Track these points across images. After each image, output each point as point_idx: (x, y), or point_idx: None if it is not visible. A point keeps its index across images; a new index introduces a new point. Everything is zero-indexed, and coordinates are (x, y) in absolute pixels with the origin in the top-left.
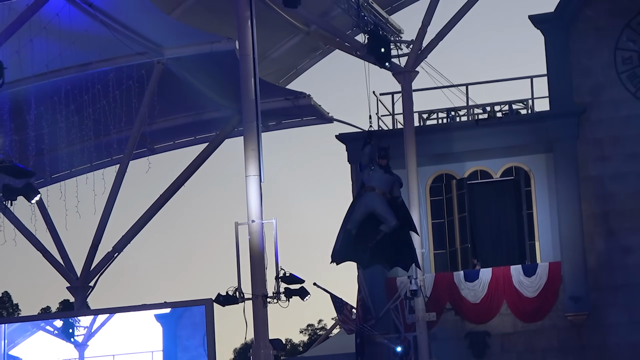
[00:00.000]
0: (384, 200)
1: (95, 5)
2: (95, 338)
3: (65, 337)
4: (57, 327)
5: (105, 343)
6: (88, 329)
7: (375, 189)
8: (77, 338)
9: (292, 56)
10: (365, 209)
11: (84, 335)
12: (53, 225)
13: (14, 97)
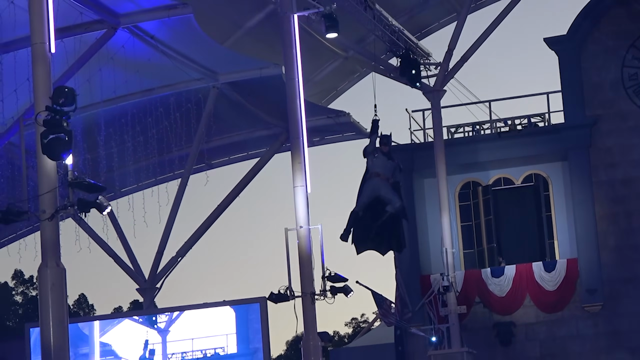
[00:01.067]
0: (388, 184)
1: (156, 37)
2: (176, 324)
3: (149, 324)
4: (141, 316)
5: (185, 328)
6: (169, 316)
7: (380, 174)
8: (160, 325)
9: (333, 79)
10: (372, 193)
11: (166, 322)
12: (123, 234)
13: (86, 121)
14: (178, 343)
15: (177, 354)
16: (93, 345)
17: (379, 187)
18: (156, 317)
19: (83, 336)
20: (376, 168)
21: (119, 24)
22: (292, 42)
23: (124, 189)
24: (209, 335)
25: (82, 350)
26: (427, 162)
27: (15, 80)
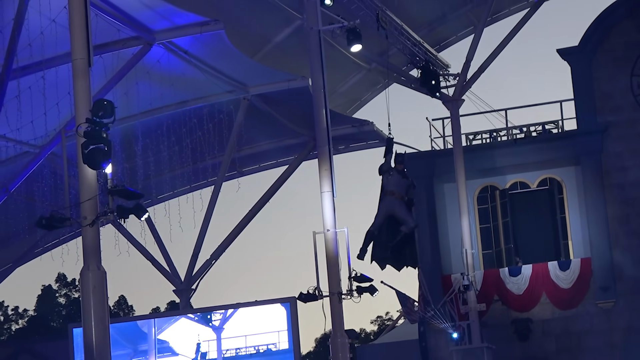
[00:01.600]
0: (402, 203)
1: (189, 52)
2: (230, 322)
3: (204, 322)
4: (196, 314)
5: (238, 326)
6: (223, 314)
7: (394, 193)
8: (214, 322)
9: (357, 90)
10: (387, 212)
11: (220, 320)
12: (160, 238)
13: (124, 132)
14: (232, 340)
15: (231, 349)
16: (152, 343)
17: (394, 206)
18: (211, 315)
19: (142, 334)
20: (391, 186)
21: (154, 40)
22: (318, 56)
23: (160, 195)
24: (261, 332)
25: (141, 347)
26: (447, 168)
27: (57, 94)
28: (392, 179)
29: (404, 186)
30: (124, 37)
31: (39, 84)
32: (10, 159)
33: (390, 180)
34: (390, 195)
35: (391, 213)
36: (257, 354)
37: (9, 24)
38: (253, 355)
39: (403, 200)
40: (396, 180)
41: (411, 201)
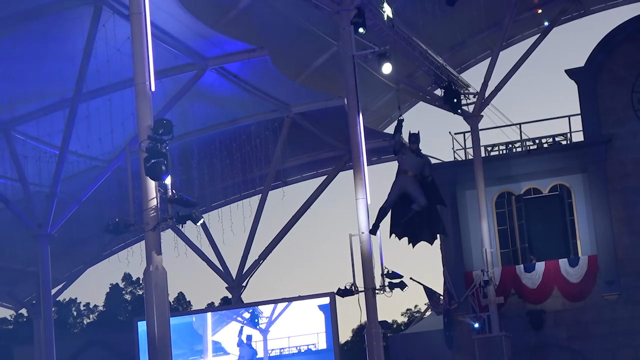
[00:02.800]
0: (416, 181)
1: (239, 76)
2: (275, 325)
3: (252, 325)
4: (245, 318)
5: (282, 328)
6: (269, 318)
7: (407, 171)
8: (261, 325)
9: (387, 107)
10: (399, 190)
11: (266, 323)
12: (214, 241)
13: (181, 147)
14: (277, 341)
15: (275, 349)
16: (206, 343)
17: (407, 184)
18: (258, 319)
19: (197, 335)
20: (404, 165)
21: (207, 65)
22: (352, 78)
23: (214, 203)
24: (302, 334)
25: (197, 347)
26: (468, 176)
27: (122, 115)
28: (405, 158)
29: (418, 165)
30: (181, 63)
31: (106, 106)
32: (82, 172)
33: (404, 160)
34: (404, 173)
35: (404, 191)
36: (298, 353)
37: (79, 53)
38: (295, 355)
39: (417, 178)
40: (410, 159)
41: (427, 179)
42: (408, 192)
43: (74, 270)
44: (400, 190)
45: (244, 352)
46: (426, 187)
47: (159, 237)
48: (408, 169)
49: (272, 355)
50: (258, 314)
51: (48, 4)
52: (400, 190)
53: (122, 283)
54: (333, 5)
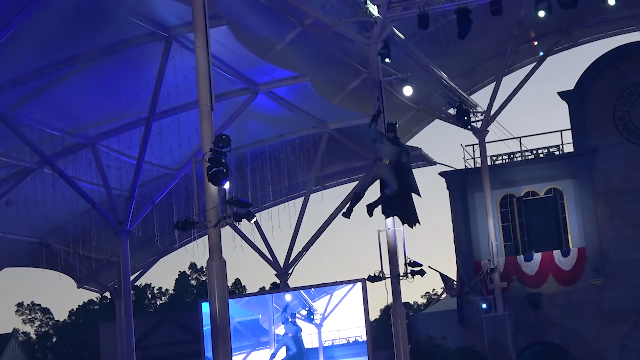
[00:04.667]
0: (390, 168)
1: (285, 99)
2: (327, 320)
3: (308, 320)
4: (302, 315)
5: (334, 323)
6: (322, 314)
7: (382, 159)
8: (316, 320)
9: (409, 124)
10: (373, 175)
11: (320, 318)
12: (264, 236)
13: (237, 158)
14: (329, 333)
15: (328, 340)
16: (271, 336)
17: (381, 170)
18: (313, 315)
19: (263, 330)
20: (380, 153)
21: (259, 90)
22: (378, 100)
23: (264, 204)
24: (351, 327)
25: (262, 339)
26: (477, 182)
27: (188, 131)
28: (382, 146)
29: (395, 153)
30: (237, 88)
31: (175, 123)
32: (155, 178)
33: (381, 148)
34: (379, 161)
35: (378, 176)
36: (347, 344)
37: (153, 79)
38: (344, 345)
39: (392, 165)
40: (386, 147)
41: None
42: (382, 177)
43: (149, 260)
44: (374, 176)
45: (289, 329)
46: (403, 173)
47: (219, 232)
48: (384, 157)
49: (326, 345)
50: (313, 311)
51: (128, 40)
52: (375, 177)
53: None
54: (363, 39)
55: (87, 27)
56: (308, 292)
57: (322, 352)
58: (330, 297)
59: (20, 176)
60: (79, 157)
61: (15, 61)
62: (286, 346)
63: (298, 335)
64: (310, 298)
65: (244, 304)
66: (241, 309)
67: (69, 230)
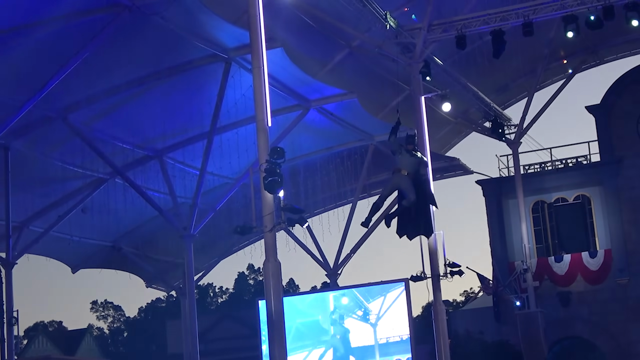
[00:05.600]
0: (409, 179)
1: (334, 114)
2: (382, 320)
3: (364, 320)
4: (359, 315)
5: (388, 322)
6: (377, 314)
7: (401, 170)
8: (371, 320)
9: (448, 136)
10: (392, 187)
11: (375, 318)
12: (316, 239)
13: (291, 168)
14: (384, 331)
15: (383, 338)
16: (330, 335)
17: (400, 182)
18: (369, 315)
19: (324, 329)
20: (399, 164)
21: (310, 106)
22: (421, 114)
23: (315, 210)
24: (402, 326)
25: (323, 338)
26: (511, 189)
27: (246, 144)
28: (401, 157)
29: (413, 164)
30: (290, 104)
31: (234, 137)
32: (216, 187)
33: (400, 159)
34: (398, 172)
35: (397, 187)
36: (400, 341)
37: (214, 97)
38: (397, 342)
39: (410, 177)
40: (405, 159)
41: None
42: (401, 188)
43: (211, 261)
44: (392, 187)
45: (337, 331)
46: (420, 184)
47: (275, 236)
48: (402, 168)
49: (381, 343)
50: (369, 311)
51: (191, 61)
52: (393, 188)
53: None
54: (405, 59)
55: (154, 51)
56: (363, 294)
57: (377, 349)
58: (384, 298)
59: (94, 186)
60: (147, 168)
61: (89, 81)
62: (334, 347)
63: (346, 336)
64: (365, 300)
65: (306, 306)
66: (303, 310)
67: (139, 234)
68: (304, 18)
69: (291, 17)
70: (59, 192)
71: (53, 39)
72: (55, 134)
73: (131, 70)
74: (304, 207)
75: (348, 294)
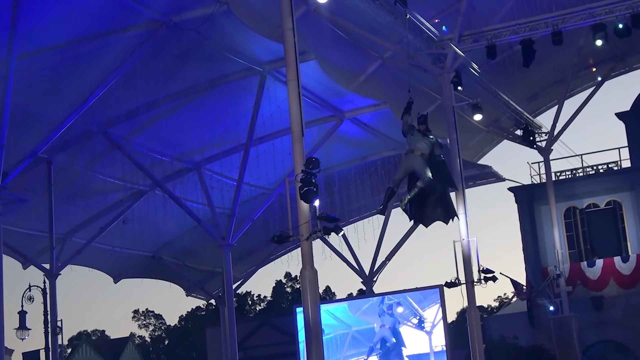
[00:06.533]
0: (422, 160)
1: (368, 124)
2: (436, 328)
3: (419, 328)
4: (414, 323)
5: (441, 329)
6: (432, 322)
7: (414, 150)
8: (426, 328)
9: (480, 145)
10: (405, 169)
11: (430, 326)
12: (351, 247)
13: (326, 177)
14: (438, 339)
15: (438, 346)
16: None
17: (413, 163)
18: (424, 322)
19: (373, 332)
20: (412, 145)
21: (344, 117)
22: (452, 123)
23: (351, 219)
24: None
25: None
26: (543, 196)
27: (282, 154)
28: (413, 138)
29: (427, 145)
30: (324, 115)
31: (270, 148)
32: (253, 197)
33: (412, 140)
34: (411, 153)
35: (411, 170)
36: None
37: (250, 110)
38: None
39: (424, 157)
40: (417, 139)
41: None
42: (414, 169)
43: (249, 270)
44: (406, 169)
45: (386, 321)
46: (436, 166)
47: (311, 245)
48: (415, 149)
49: (436, 351)
50: (423, 319)
51: (227, 75)
52: (407, 170)
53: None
54: (437, 69)
55: (191, 65)
56: (419, 302)
57: (432, 356)
58: (439, 306)
59: (134, 198)
60: (186, 180)
61: (129, 96)
62: (384, 338)
63: (395, 326)
64: (420, 308)
65: (360, 314)
66: (358, 319)
67: (178, 244)
68: (337, 31)
69: (324, 30)
70: (100, 204)
71: (93, 56)
72: (96, 148)
73: (169, 84)
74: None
75: (404, 302)
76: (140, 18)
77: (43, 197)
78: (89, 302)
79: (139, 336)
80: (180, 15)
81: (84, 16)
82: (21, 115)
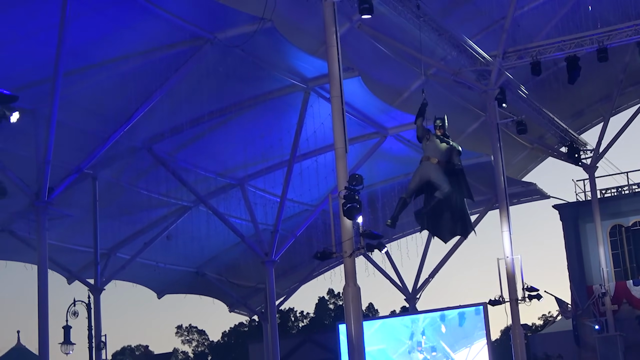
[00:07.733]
0: (439, 168)
1: (412, 141)
2: None
3: None
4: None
5: None
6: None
7: (430, 158)
8: None
9: (524, 162)
10: (420, 178)
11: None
12: (394, 264)
13: (369, 194)
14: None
15: None
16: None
17: (429, 172)
18: None
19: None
20: (427, 152)
21: (387, 133)
22: (496, 140)
23: (394, 236)
24: None
25: None
26: (588, 213)
27: (325, 171)
28: (429, 144)
29: (444, 152)
30: (368, 132)
31: (313, 165)
32: (296, 214)
33: (428, 146)
34: (426, 160)
35: (427, 179)
36: None
37: (293, 126)
38: None
39: (441, 165)
40: (434, 146)
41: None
42: (431, 179)
43: (292, 286)
44: (421, 178)
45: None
46: (454, 176)
47: (354, 261)
48: (431, 156)
49: None
50: None
51: (271, 92)
52: (422, 179)
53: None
54: (481, 86)
55: (235, 82)
56: (450, 344)
57: None
58: (469, 350)
59: (178, 213)
60: (229, 196)
61: (173, 112)
62: None
63: None
64: (452, 351)
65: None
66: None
67: (222, 260)
68: (381, 48)
69: (368, 47)
70: (144, 220)
71: (138, 72)
72: (141, 164)
73: (213, 101)
74: (382, 233)
75: (437, 346)
76: (185, 35)
77: (88, 212)
78: (132, 317)
79: (182, 352)
80: (225, 32)
81: (129, 33)
82: (67, 131)
